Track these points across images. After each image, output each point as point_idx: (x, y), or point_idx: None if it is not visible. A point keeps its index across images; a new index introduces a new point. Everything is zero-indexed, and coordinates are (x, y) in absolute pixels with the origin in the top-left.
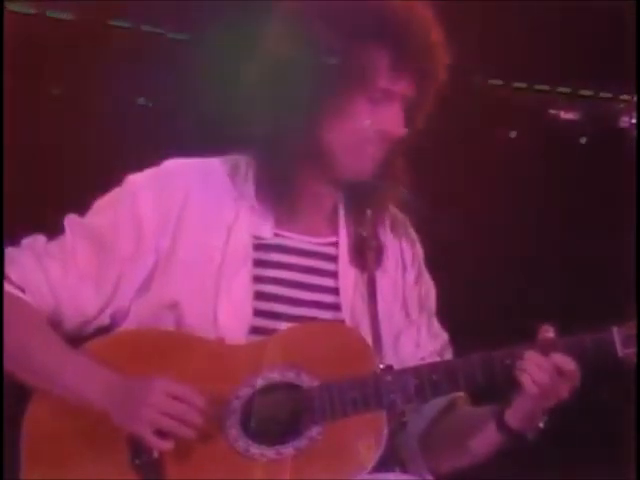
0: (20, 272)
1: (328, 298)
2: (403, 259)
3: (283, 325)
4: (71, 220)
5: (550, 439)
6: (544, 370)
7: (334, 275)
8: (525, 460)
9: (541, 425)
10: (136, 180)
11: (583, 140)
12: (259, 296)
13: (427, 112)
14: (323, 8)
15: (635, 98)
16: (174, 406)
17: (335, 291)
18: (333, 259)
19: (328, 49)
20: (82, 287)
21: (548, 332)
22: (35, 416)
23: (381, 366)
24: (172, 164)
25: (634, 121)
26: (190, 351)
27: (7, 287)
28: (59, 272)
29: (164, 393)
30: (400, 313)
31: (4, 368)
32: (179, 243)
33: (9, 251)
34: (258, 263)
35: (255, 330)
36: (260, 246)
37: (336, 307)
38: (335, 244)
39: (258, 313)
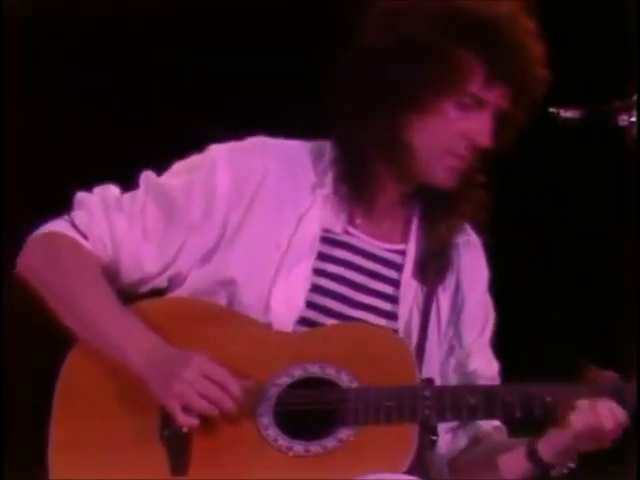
0: (86, 219)
1: (385, 305)
2: (467, 280)
3: (333, 322)
4: (147, 177)
5: None
6: (596, 415)
7: (395, 283)
8: None
9: (572, 465)
10: (218, 150)
11: (582, 139)
12: (316, 289)
13: (518, 127)
14: (427, 6)
15: (635, 97)
16: (207, 387)
17: (393, 299)
18: (397, 267)
19: (424, 46)
20: (145, 246)
21: (611, 378)
22: (74, 365)
23: (422, 377)
24: (256, 142)
25: (633, 119)
26: (237, 329)
27: (70, 232)
28: (125, 226)
29: (200, 372)
30: (454, 333)
31: (52, 309)
32: (248, 222)
33: (80, 195)
34: (322, 256)
35: (304, 321)
36: (328, 240)
37: (390, 315)
38: (402, 252)
39: (311, 305)
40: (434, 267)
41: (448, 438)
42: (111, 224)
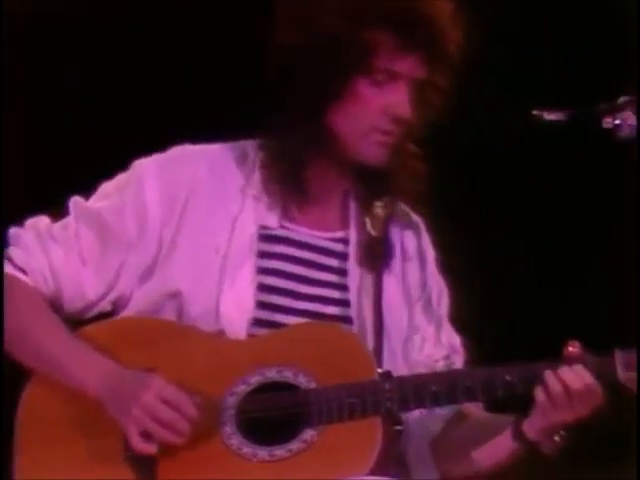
0: (22, 254)
1: (332, 293)
2: (412, 260)
3: (285, 318)
4: (76, 203)
5: None
6: (559, 382)
7: (339, 271)
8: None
9: (557, 439)
10: (143, 166)
11: (567, 142)
12: (262, 288)
13: (443, 95)
14: None
15: (619, 100)
16: (164, 412)
17: (339, 287)
18: (339, 255)
19: (329, 31)
20: (84, 272)
21: (574, 347)
22: (31, 398)
23: (379, 370)
24: (180, 151)
25: (618, 122)
26: (188, 343)
27: (9, 269)
28: (61, 256)
29: (156, 395)
30: (409, 316)
31: (4, 348)
32: (183, 233)
33: (13, 231)
34: (263, 254)
35: (257, 322)
36: (265, 237)
37: (340, 303)
38: (343, 240)
39: (260, 305)
40: (376, 252)
41: (429, 416)
42: (48, 255)
